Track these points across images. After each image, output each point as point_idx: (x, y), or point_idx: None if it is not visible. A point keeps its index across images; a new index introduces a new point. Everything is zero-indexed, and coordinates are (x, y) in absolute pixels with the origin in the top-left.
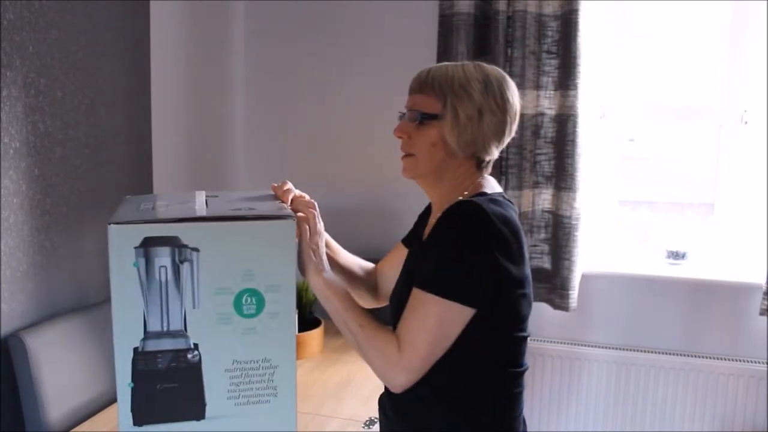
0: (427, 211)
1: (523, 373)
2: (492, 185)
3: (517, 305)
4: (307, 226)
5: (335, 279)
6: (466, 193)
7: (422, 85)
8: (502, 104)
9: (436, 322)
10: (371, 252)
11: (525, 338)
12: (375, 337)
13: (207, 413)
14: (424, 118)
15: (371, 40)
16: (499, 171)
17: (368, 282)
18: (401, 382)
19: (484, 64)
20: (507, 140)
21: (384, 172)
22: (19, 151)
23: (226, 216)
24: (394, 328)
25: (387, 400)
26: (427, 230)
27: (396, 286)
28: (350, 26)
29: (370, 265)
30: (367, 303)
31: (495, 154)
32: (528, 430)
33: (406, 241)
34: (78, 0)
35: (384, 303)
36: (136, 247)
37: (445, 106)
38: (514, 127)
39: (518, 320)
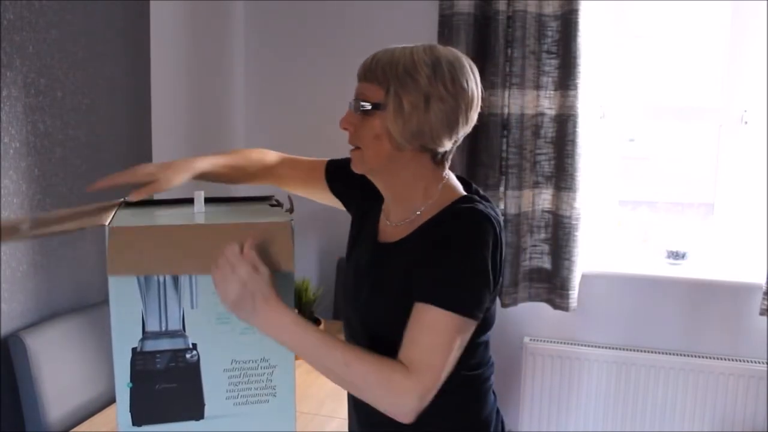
0: (367, 188)
1: (491, 367)
2: (458, 184)
3: (493, 311)
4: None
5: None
6: (442, 198)
7: (366, 71)
8: (453, 90)
9: (455, 338)
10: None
11: (488, 336)
12: (371, 371)
13: (206, 413)
14: (366, 108)
15: (371, 40)
16: (499, 171)
17: (263, 176)
18: (414, 406)
19: (439, 46)
20: (464, 130)
21: None
22: (19, 151)
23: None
24: (349, 330)
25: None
26: (387, 232)
27: (359, 291)
28: (350, 26)
29: (256, 158)
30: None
31: (448, 145)
32: (528, 430)
33: (332, 179)
34: (78, 0)
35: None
36: None
37: (387, 94)
38: (472, 114)
39: (491, 323)
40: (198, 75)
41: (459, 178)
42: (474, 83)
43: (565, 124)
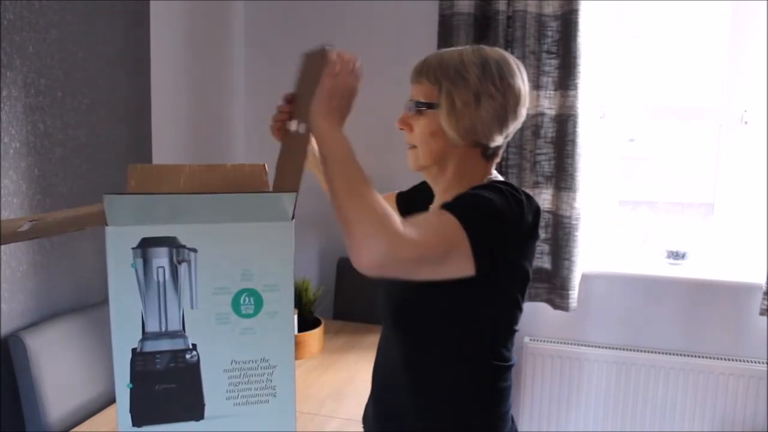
0: (429, 189)
1: (511, 367)
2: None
3: (519, 299)
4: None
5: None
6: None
7: (418, 73)
8: (502, 87)
9: (447, 237)
10: None
11: (515, 332)
12: (377, 200)
13: (206, 413)
14: (421, 108)
15: (371, 40)
16: (499, 171)
17: None
18: (385, 250)
19: (485, 47)
20: (513, 125)
21: (384, 171)
22: (19, 151)
23: (224, 217)
24: (387, 324)
25: (377, 393)
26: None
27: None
28: (350, 26)
29: None
30: None
31: (499, 140)
32: (529, 430)
33: (401, 207)
34: (78, 0)
35: None
36: (133, 248)
37: (440, 94)
38: (521, 110)
39: (517, 314)
40: (198, 75)
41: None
42: (521, 80)
43: (565, 124)
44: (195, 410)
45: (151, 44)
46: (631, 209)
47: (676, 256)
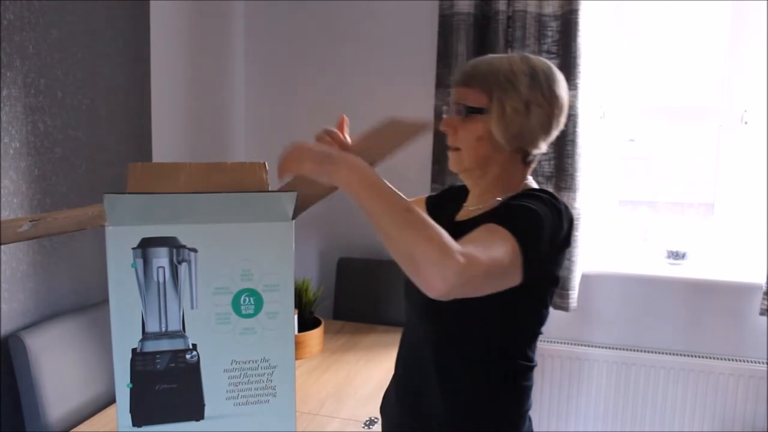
0: (458, 191)
1: (534, 368)
2: (536, 185)
3: (548, 303)
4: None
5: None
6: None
7: (467, 78)
8: (550, 97)
9: (507, 251)
10: (371, 251)
11: (540, 334)
12: (432, 225)
13: (206, 413)
14: (470, 112)
15: (371, 40)
16: None
17: None
18: (454, 270)
19: (531, 57)
20: (555, 134)
21: (385, 171)
22: (19, 151)
23: (225, 217)
24: (416, 314)
25: (397, 390)
26: (464, 214)
27: None
28: (350, 26)
29: None
30: None
31: (543, 148)
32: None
33: (431, 210)
34: (78, 0)
35: None
36: (133, 248)
37: (491, 100)
38: (562, 120)
39: (545, 317)
40: (198, 75)
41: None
42: (564, 91)
43: (565, 124)
44: (195, 410)
45: (151, 44)
46: (631, 209)
47: (676, 256)
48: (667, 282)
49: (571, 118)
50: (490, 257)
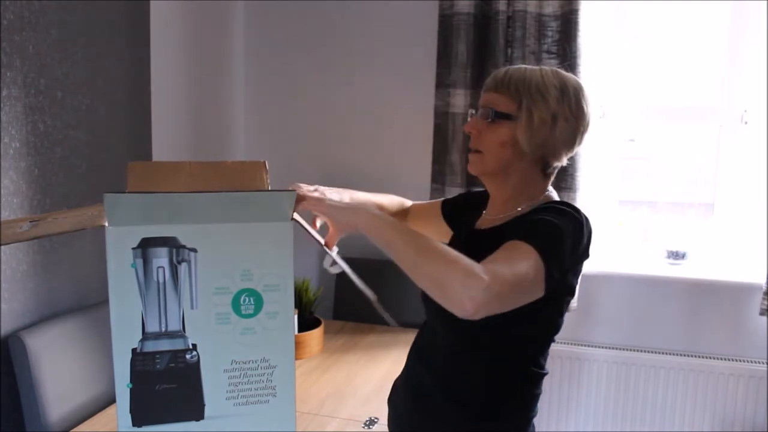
0: (476, 199)
1: (544, 375)
2: (558, 198)
3: (564, 311)
4: (310, 198)
5: (377, 212)
6: (540, 198)
7: (498, 84)
8: (577, 112)
9: (528, 269)
10: (371, 251)
11: (552, 342)
12: (451, 251)
13: (206, 413)
14: (498, 117)
15: (371, 40)
16: None
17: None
18: (482, 294)
19: (562, 71)
20: (576, 149)
21: (384, 170)
22: (19, 151)
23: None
24: (433, 316)
25: (405, 390)
26: (484, 222)
27: None
28: (350, 26)
29: (388, 203)
30: None
31: (564, 161)
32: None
33: (447, 214)
34: (78, 0)
35: None
36: (134, 248)
37: (520, 108)
38: (585, 137)
39: (559, 325)
40: (198, 75)
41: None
42: (591, 107)
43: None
44: (195, 410)
45: (151, 44)
46: (631, 209)
47: (676, 256)
48: (667, 282)
49: None
50: (514, 273)
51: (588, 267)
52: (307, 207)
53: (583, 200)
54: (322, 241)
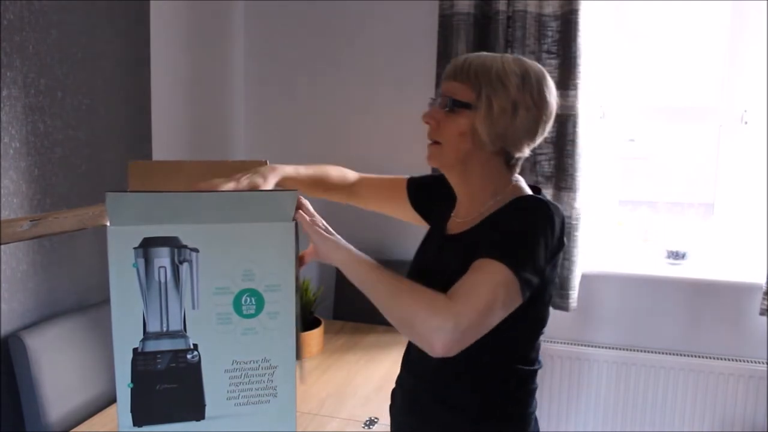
0: (446, 189)
1: (537, 370)
2: (527, 187)
3: (548, 306)
4: (303, 214)
5: (356, 251)
6: (505, 193)
7: (458, 72)
8: (539, 101)
9: (499, 288)
10: (371, 251)
11: (541, 335)
12: (418, 289)
13: (206, 413)
14: (456, 106)
15: (371, 40)
16: None
17: (341, 192)
18: (450, 333)
19: (524, 59)
20: (539, 139)
21: (384, 170)
22: (19, 151)
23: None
24: None
25: (402, 390)
26: (454, 226)
27: (423, 281)
28: (350, 26)
29: (336, 175)
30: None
31: (525, 152)
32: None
33: (413, 196)
34: (78, 0)
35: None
36: (135, 248)
37: (479, 97)
38: (548, 126)
39: (546, 320)
40: (198, 75)
41: (532, 187)
42: (554, 97)
43: (565, 124)
44: (196, 410)
45: (151, 44)
46: (631, 209)
47: (676, 256)
48: (667, 282)
49: (571, 118)
50: (483, 301)
51: (588, 267)
52: (298, 218)
53: (583, 200)
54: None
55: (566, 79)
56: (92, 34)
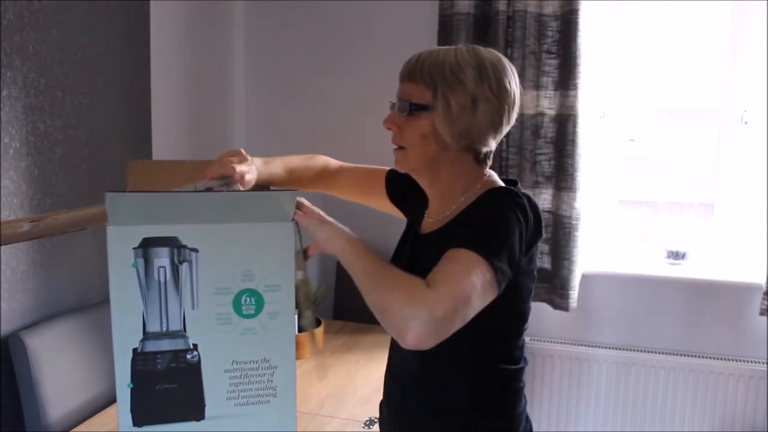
0: (423, 193)
1: (523, 368)
2: (499, 181)
3: (528, 300)
4: (302, 213)
5: (354, 238)
6: (478, 187)
7: (411, 72)
8: (498, 91)
9: (473, 277)
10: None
11: (524, 332)
12: (398, 276)
13: (206, 414)
14: (414, 109)
15: (371, 40)
16: (499, 171)
17: (321, 183)
18: (425, 322)
19: (480, 48)
20: (505, 129)
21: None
22: (19, 151)
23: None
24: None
25: (390, 400)
26: (427, 226)
27: None
28: (350, 26)
29: (318, 164)
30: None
31: (492, 145)
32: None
33: (390, 190)
34: (78, 0)
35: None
36: (135, 248)
37: (435, 96)
38: (513, 115)
39: (527, 315)
40: (198, 75)
41: (508, 180)
42: (515, 84)
43: (565, 124)
44: (196, 410)
45: (151, 44)
46: (631, 209)
47: (676, 256)
48: (667, 282)
49: (571, 118)
50: (455, 291)
51: (588, 267)
52: (297, 218)
53: (583, 200)
54: (302, 247)
55: (566, 79)
56: (92, 34)
